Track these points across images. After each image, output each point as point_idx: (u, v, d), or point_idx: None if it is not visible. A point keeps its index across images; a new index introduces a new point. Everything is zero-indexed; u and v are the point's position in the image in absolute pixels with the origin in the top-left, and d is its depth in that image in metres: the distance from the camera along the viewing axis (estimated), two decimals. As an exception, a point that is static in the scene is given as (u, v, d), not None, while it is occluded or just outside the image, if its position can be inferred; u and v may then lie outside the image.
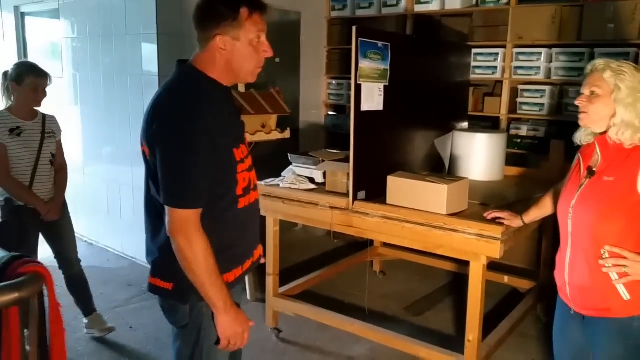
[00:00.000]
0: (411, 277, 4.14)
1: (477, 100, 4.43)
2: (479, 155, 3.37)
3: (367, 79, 2.64)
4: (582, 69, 1.80)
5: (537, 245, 3.82)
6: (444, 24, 4.59)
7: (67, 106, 4.78)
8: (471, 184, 2.71)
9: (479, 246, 2.32)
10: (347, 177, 2.74)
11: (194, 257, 1.42)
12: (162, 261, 1.53)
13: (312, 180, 3.05)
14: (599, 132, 1.74)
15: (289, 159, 3.25)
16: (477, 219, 2.36)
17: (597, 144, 1.74)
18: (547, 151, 3.73)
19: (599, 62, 1.72)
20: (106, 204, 4.56)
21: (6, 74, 2.83)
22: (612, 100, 1.66)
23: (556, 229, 1.87)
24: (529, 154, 4.14)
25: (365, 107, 2.66)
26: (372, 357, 3.02)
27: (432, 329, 3.34)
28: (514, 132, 4.24)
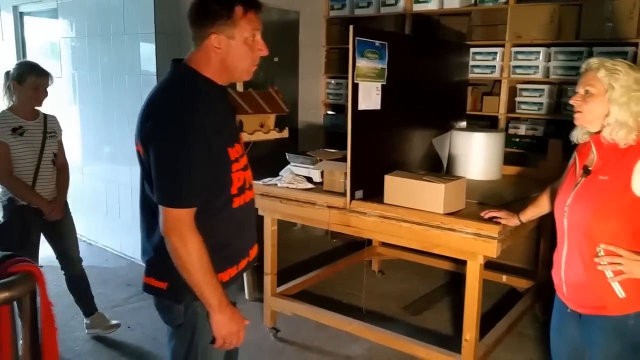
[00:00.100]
0: (410, 277, 4.14)
1: (476, 99, 4.44)
2: (477, 154, 3.36)
3: (364, 78, 2.63)
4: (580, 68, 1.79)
5: (536, 244, 3.82)
6: (443, 23, 4.60)
7: (65, 106, 4.77)
8: (469, 183, 2.70)
9: (476, 245, 2.31)
10: (345, 177, 2.73)
11: (188, 256, 1.41)
12: (157, 261, 1.53)
13: (309, 179, 3.04)
14: (594, 131, 1.74)
15: (287, 158, 3.24)
16: (474, 218, 2.35)
17: (592, 143, 1.74)
18: (546, 150, 3.74)
19: (593, 61, 1.71)
20: (105, 203, 4.56)
21: (8, 73, 2.83)
22: (606, 99, 1.66)
23: (554, 228, 1.86)
24: (528, 153, 4.14)
25: (362, 106, 2.65)
26: (370, 356, 3.01)
27: (430, 328, 3.34)
28: (512, 131, 4.24)
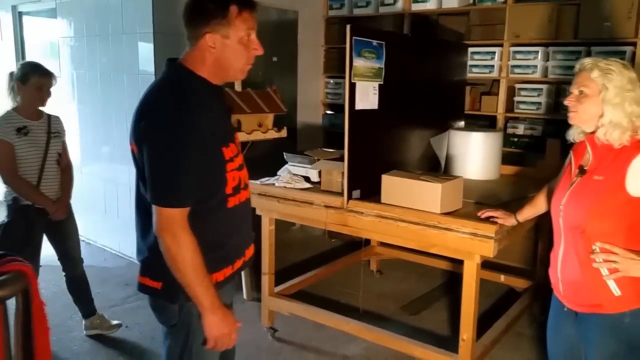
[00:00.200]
0: (408, 276, 4.14)
1: (475, 99, 4.43)
2: (475, 154, 3.36)
3: (361, 77, 2.63)
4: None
5: (534, 244, 3.82)
6: (441, 23, 4.59)
7: (64, 105, 4.77)
8: (467, 183, 2.70)
9: (472, 245, 2.31)
10: (342, 176, 2.73)
11: (181, 256, 1.41)
12: (152, 260, 1.52)
13: (307, 179, 3.04)
14: (589, 131, 1.74)
15: (285, 157, 3.24)
16: (471, 218, 2.35)
17: (587, 143, 1.74)
18: (544, 150, 3.73)
19: (587, 61, 1.71)
20: (103, 203, 4.56)
21: (12, 74, 2.85)
22: (600, 100, 1.66)
23: (552, 228, 1.86)
24: (526, 153, 4.14)
25: (359, 105, 2.65)
26: (368, 356, 3.01)
27: (428, 328, 3.34)
28: (511, 130, 4.24)
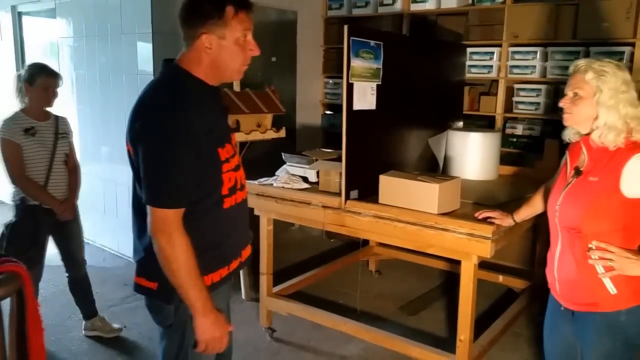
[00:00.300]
0: (407, 277, 4.14)
1: (473, 99, 4.43)
2: (473, 154, 3.36)
3: (359, 78, 2.63)
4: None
5: (532, 245, 3.82)
6: (440, 23, 4.59)
7: (63, 105, 4.76)
8: (465, 183, 2.70)
9: (469, 245, 2.31)
10: (340, 177, 2.73)
11: (174, 257, 1.41)
12: (147, 261, 1.52)
13: (305, 179, 3.05)
14: (584, 132, 1.74)
15: (283, 158, 3.24)
16: (468, 219, 2.35)
17: (582, 145, 1.75)
18: (543, 150, 3.73)
19: (581, 62, 1.71)
20: (102, 203, 4.56)
21: (20, 76, 2.86)
22: (595, 102, 1.66)
23: (549, 228, 1.86)
24: (525, 153, 4.14)
25: (357, 106, 2.65)
26: (366, 356, 3.01)
27: (427, 328, 3.34)
28: (509, 131, 4.23)
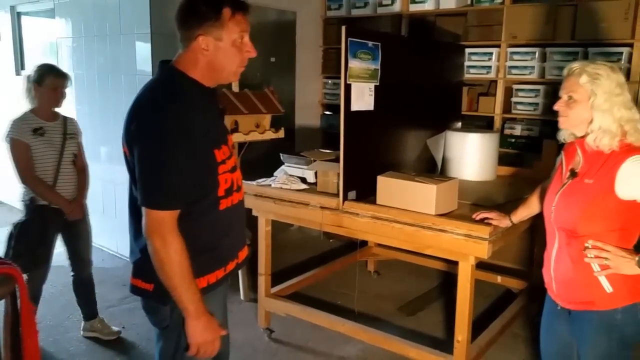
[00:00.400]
0: (406, 277, 4.14)
1: (472, 99, 4.44)
2: (472, 155, 3.36)
3: (356, 78, 2.63)
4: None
5: (530, 245, 3.82)
6: (439, 23, 4.59)
7: (63, 105, 4.77)
8: (463, 184, 2.70)
9: (467, 246, 2.31)
10: (338, 177, 2.73)
11: (168, 259, 1.41)
12: (143, 262, 1.51)
13: (304, 180, 3.05)
14: (580, 135, 1.74)
15: (281, 158, 3.24)
16: (466, 220, 2.35)
17: (577, 147, 1.75)
18: (541, 150, 3.73)
19: (575, 65, 1.70)
20: (101, 203, 4.56)
21: (29, 77, 2.88)
22: (590, 105, 1.66)
23: (546, 229, 1.87)
24: (523, 154, 4.14)
25: (355, 107, 2.65)
26: (364, 357, 3.01)
27: (425, 329, 3.33)
28: (508, 131, 4.24)
